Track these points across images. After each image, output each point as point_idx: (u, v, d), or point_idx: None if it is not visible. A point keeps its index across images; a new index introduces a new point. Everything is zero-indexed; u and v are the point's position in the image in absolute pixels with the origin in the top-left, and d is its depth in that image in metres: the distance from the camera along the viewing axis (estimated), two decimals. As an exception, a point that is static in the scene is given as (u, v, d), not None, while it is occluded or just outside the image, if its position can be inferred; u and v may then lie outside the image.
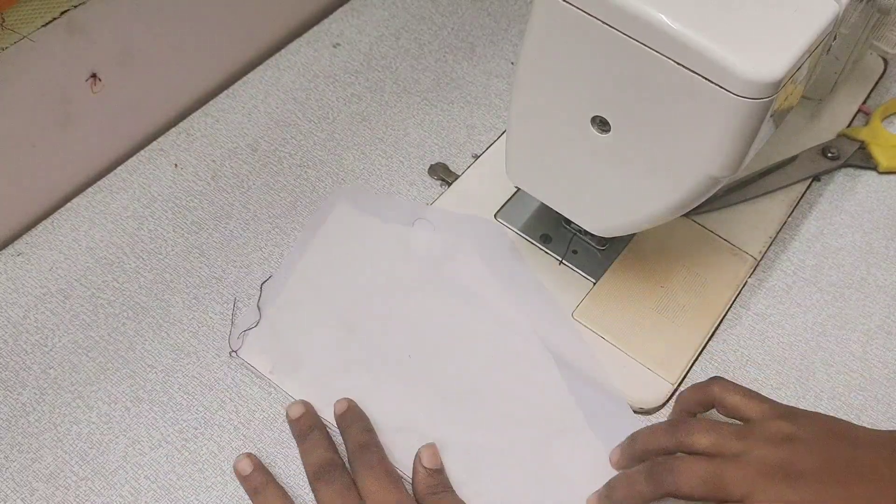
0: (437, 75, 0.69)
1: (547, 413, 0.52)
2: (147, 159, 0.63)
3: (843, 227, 0.62)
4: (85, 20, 0.54)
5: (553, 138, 0.48)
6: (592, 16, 0.40)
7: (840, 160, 0.64)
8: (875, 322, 0.57)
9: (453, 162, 0.64)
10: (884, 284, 0.59)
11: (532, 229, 0.59)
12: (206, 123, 0.65)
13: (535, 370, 0.53)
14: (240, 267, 0.57)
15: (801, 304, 0.58)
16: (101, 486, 0.49)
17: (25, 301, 0.55)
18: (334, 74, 0.69)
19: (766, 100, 0.39)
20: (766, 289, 0.58)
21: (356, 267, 0.57)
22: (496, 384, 0.53)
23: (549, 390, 0.52)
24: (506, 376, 0.53)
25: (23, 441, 0.50)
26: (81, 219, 0.59)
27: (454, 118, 0.66)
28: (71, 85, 0.56)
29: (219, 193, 0.61)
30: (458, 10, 0.74)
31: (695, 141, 0.42)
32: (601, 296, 0.56)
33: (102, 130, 0.61)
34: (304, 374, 0.52)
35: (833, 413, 0.53)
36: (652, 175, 0.45)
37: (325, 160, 0.63)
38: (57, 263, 0.57)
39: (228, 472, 0.49)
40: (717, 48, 0.38)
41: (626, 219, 0.49)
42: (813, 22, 0.40)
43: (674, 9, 0.39)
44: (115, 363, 0.53)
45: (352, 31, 0.72)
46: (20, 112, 0.54)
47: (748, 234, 0.60)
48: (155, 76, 0.62)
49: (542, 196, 0.53)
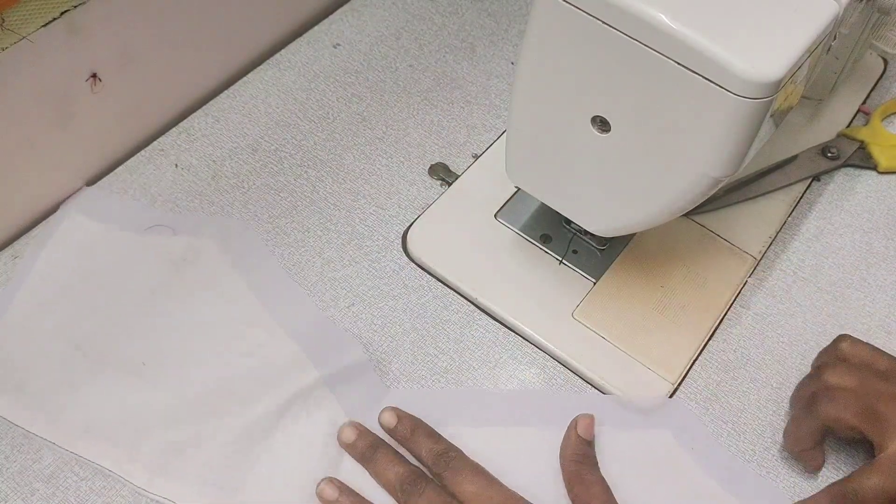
0: (437, 75, 0.69)
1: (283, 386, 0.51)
2: (147, 159, 0.63)
3: (843, 226, 0.62)
4: (85, 20, 0.54)
5: (553, 138, 0.48)
6: (592, 16, 0.40)
7: (840, 160, 0.64)
8: (875, 322, 0.57)
9: (453, 162, 0.64)
10: (884, 284, 0.59)
11: (532, 229, 0.59)
12: (207, 123, 0.65)
13: (274, 353, 0.52)
14: (240, 267, 0.57)
15: (800, 303, 0.58)
16: (101, 486, 0.49)
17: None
18: (334, 74, 0.69)
19: (766, 100, 0.39)
20: (766, 288, 0.58)
21: (87, 279, 0.55)
22: (233, 376, 0.52)
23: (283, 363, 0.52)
24: (241, 365, 0.52)
25: (23, 441, 0.50)
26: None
27: (454, 118, 0.66)
28: (71, 85, 0.56)
29: (219, 193, 0.61)
30: (458, 10, 0.74)
31: (695, 141, 0.42)
32: (601, 296, 0.57)
33: (102, 130, 0.61)
34: (28, 392, 0.50)
35: (833, 413, 0.53)
36: (652, 175, 0.45)
37: (325, 160, 0.63)
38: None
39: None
40: (718, 48, 0.38)
41: (626, 219, 0.49)
42: (813, 22, 0.40)
43: (674, 9, 0.39)
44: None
45: (352, 31, 0.72)
46: (20, 112, 0.54)
47: (748, 234, 0.60)
48: (155, 76, 0.62)
49: (542, 196, 0.53)
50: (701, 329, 0.56)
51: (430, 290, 0.57)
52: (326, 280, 0.57)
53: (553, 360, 0.55)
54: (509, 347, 0.55)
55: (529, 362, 0.55)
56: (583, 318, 0.55)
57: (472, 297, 0.57)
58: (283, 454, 0.49)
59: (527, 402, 0.53)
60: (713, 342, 0.56)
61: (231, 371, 0.52)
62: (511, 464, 0.49)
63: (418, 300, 0.57)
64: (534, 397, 0.53)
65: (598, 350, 0.54)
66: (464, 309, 0.56)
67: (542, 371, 0.54)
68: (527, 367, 0.54)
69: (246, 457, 0.48)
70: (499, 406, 0.52)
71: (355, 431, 0.49)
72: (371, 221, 0.60)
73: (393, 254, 0.59)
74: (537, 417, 0.52)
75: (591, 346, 0.55)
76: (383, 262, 0.58)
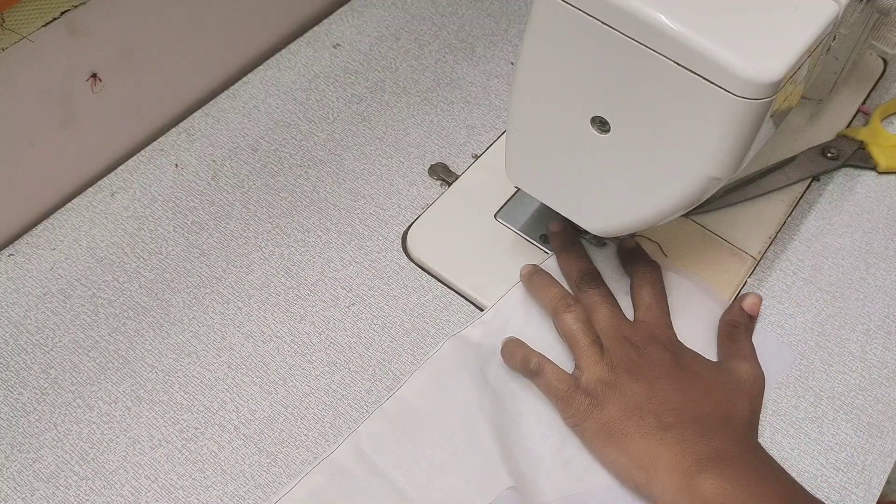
0: (437, 75, 0.69)
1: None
2: (147, 159, 0.63)
3: (843, 226, 0.62)
4: (85, 20, 0.54)
5: (553, 138, 0.48)
6: (592, 16, 0.40)
7: (840, 160, 0.64)
8: (874, 322, 0.57)
9: (453, 162, 0.64)
10: (883, 284, 0.59)
11: (532, 229, 0.59)
12: (207, 123, 0.65)
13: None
14: (240, 267, 0.57)
15: (800, 303, 0.58)
16: (101, 485, 0.49)
17: (26, 301, 0.55)
18: (334, 75, 0.69)
19: (766, 100, 0.39)
20: (765, 289, 0.58)
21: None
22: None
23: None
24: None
25: (23, 441, 0.50)
26: (82, 219, 0.59)
27: (454, 118, 0.66)
28: (71, 85, 0.56)
29: (219, 193, 0.61)
30: (458, 10, 0.74)
31: (695, 141, 0.42)
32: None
33: (103, 130, 0.61)
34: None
35: (833, 413, 0.53)
36: (651, 175, 0.45)
37: (325, 160, 0.63)
38: (58, 263, 0.57)
39: (229, 472, 0.49)
40: (717, 48, 0.38)
41: (626, 219, 0.49)
42: (813, 22, 0.40)
43: (674, 9, 0.39)
44: (116, 363, 0.53)
45: (352, 32, 0.72)
46: (20, 112, 0.54)
47: (748, 234, 0.60)
48: (155, 76, 0.62)
49: (542, 196, 0.53)
50: (701, 329, 0.56)
51: (430, 290, 0.57)
52: (326, 280, 0.57)
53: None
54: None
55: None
56: (583, 318, 0.55)
57: (472, 297, 0.57)
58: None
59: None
60: (713, 342, 0.56)
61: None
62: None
63: (418, 300, 0.57)
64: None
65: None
66: (464, 309, 0.56)
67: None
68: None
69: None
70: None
71: (560, 226, 0.57)
72: (371, 221, 0.60)
73: (393, 254, 0.59)
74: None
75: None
76: (383, 262, 0.58)
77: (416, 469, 0.49)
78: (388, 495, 0.48)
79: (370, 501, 0.48)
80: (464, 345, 0.53)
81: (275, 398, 0.52)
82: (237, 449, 0.50)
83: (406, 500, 0.48)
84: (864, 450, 0.52)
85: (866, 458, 0.51)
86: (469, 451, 0.49)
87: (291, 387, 0.53)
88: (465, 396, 0.51)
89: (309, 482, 0.48)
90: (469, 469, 0.48)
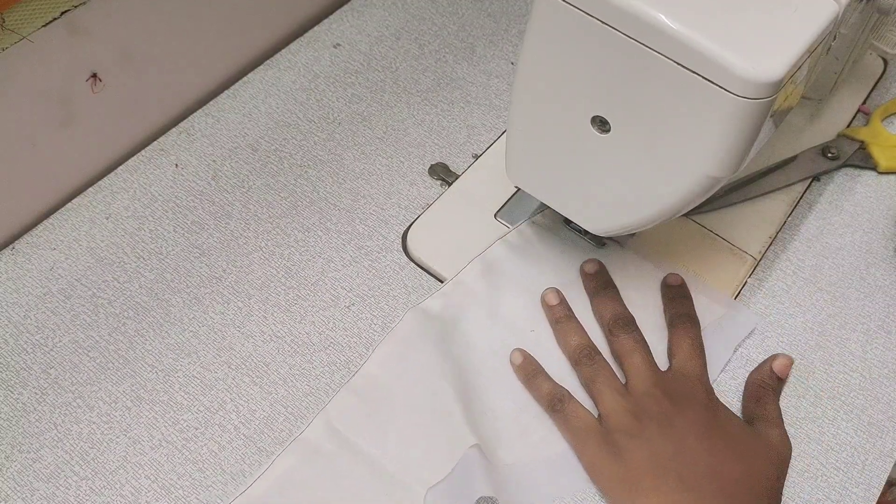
0: (437, 75, 0.69)
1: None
2: (147, 159, 0.63)
3: (843, 226, 0.62)
4: (85, 20, 0.54)
5: (553, 138, 0.48)
6: (592, 16, 0.40)
7: (840, 160, 0.64)
8: (875, 322, 0.57)
9: (453, 162, 0.64)
10: (883, 284, 0.59)
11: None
12: (207, 123, 0.65)
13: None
14: (240, 267, 0.57)
15: (800, 303, 0.58)
16: (101, 485, 0.49)
17: (26, 301, 0.55)
18: (334, 75, 0.69)
19: (766, 100, 0.39)
20: (765, 289, 0.58)
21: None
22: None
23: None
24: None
25: (23, 441, 0.50)
26: (82, 219, 0.59)
27: (454, 118, 0.66)
28: (71, 85, 0.56)
29: (219, 193, 0.61)
30: (458, 10, 0.74)
31: (695, 141, 0.42)
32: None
33: (103, 130, 0.61)
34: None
35: (833, 413, 0.53)
36: (652, 175, 0.45)
37: (325, 160, 0.63)
38: (58, 263, 0.57)
39: (229, 472, 0.49)
40: (717, 48, 0.38)
41: (626, 219, 0.49)
42: (813, 22, 0.40)
43: (674, 9, 0.39)
44: (116, 363, 0.53)
45: (352, 32, 0.72)
46: (20, 112, 0.54)
47: (748, 234, 0.60)
48: (155, 76, 0.62)
49: (542, 196, 0.53)
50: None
51: (430, 290, 0.57)
52: (326, 280, 0.57)
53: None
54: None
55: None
56: (583, 318, 0.55)
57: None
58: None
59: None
60: (713, 342, 0.56)
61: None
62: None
63: (418, 300, 0.56)
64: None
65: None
66: (464, 309, 0.56)
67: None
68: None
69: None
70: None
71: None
72: (371, 221, 0.60)
73: (393, 254, 0.59)
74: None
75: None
76: (383, 262, 0.58)
77: (386, 440, 0.49)
78: (362, 468, 0.49)
79: (344, 477, 0.48)
80: (425, 317, 0.54)
81: (275, 398, 0.52)
82: (237, 449, 0.50)
83: (379, 471, 0.49)
84: (864, 450, 0.52)
85: (866, 458, 0.51)
86: (434, 418, 0.50)
87: (291, 387, 0.53)
88: (429, 366, 0.52)
89: (281, 464, 0.49)
90: (437, 436, 0.49)
